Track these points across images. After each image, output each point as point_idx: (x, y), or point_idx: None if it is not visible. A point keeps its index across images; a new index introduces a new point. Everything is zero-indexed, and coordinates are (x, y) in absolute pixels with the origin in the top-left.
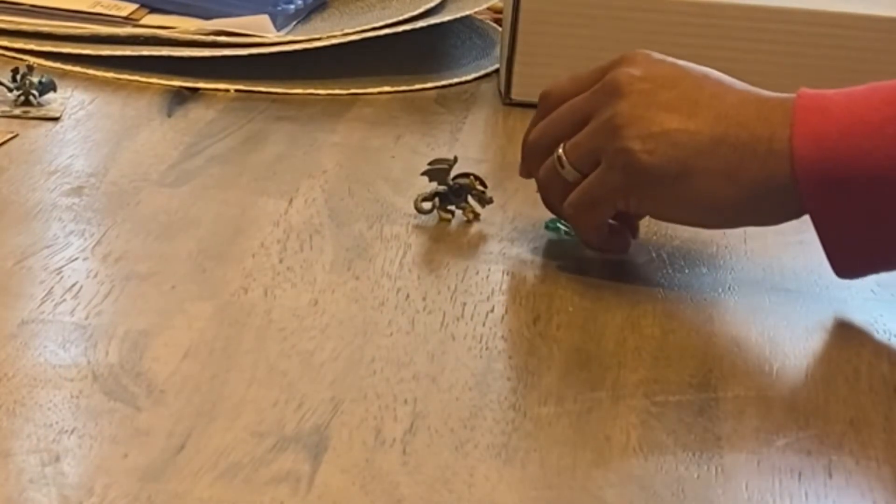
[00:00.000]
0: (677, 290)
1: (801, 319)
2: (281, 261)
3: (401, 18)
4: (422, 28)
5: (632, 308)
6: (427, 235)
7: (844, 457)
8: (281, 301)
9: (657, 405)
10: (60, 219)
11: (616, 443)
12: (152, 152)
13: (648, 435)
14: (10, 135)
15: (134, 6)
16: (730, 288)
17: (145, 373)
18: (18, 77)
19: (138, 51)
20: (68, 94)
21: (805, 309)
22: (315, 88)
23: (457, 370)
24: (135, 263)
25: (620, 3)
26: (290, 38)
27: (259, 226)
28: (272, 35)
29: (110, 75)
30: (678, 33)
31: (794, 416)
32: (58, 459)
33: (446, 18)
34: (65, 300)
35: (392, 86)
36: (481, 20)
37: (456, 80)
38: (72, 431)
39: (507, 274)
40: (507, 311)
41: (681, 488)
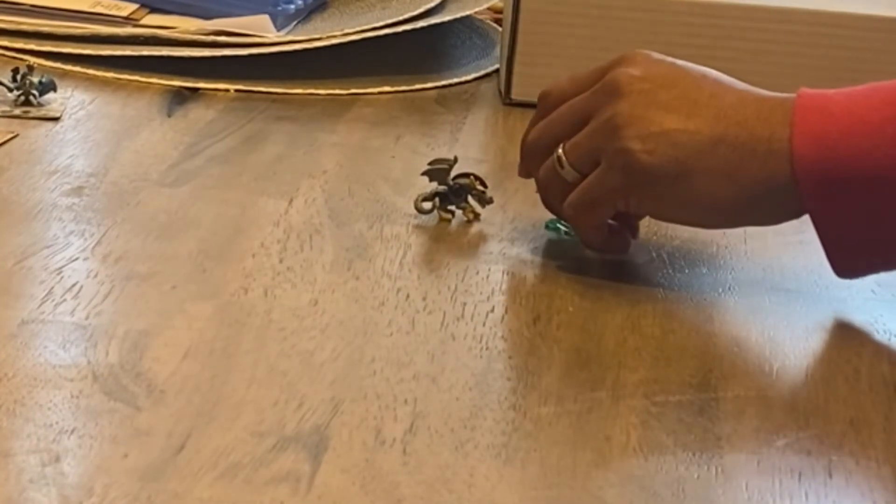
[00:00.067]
0: (677, 290)
1: (801, 319)
2: (281, 261)
3: (401, 18)
4: (422, 28)
5: (632, 308)
6: (427, 235)
7: (844, 457)
8: (281, 301)
9: (657, 405)
10: (60, 219)
11: (616, 443)
12: (152, 152)
13: (648, 435)
14: (10, 135)
15: (134, 6)
16: (730, 288)
17: (145, 373)
18: (18, 77)
19: (138, 51)
20: (68, 94)
21: (805, 309)
22: (315, 88)
23: (457, 370)
24: (135, 263)
25: (620, 3)
26: (290, 38)
27: (259, 226)
28: (272, 35)
29: (110, 75)
30: (678, 33)
31: (794, 416)
32: (58, 459)
33: (446, 18)
34: (65, 300)
35: (392, 86)
36: (481, 20)
37: (456, 80)
38: (72, 431)
39: (507, 274)
40: (507, 311)
41: (681, 488)
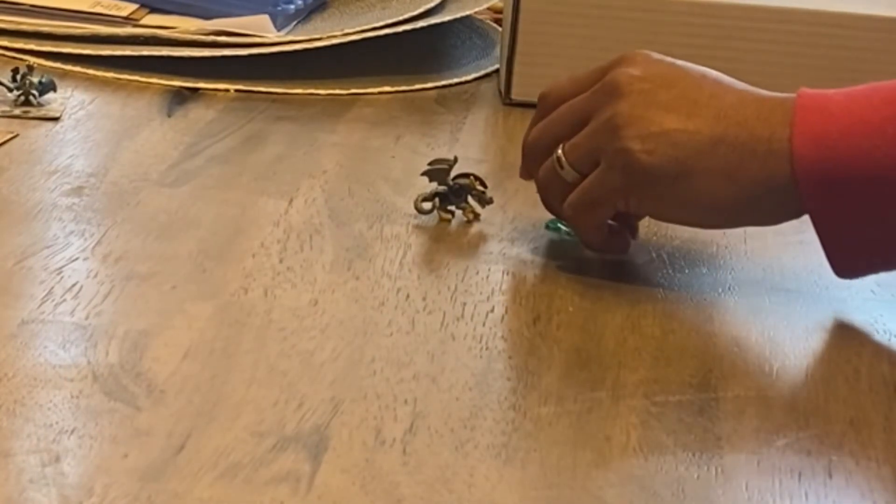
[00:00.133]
0: (677, 290)
1: (801, 319)
2: (281, 261)
3: (401, 18)
4: (422, 28)
5: (632, 308)
6: (427, 235)
7: (844, 457)
8: (281, 301)
9: (657, 405)
10: (60, 219)
11: (616, 443)
12: (152, 152)
13: (648, 435)
14: (10, 135)
15: (134, 6)
16: (730, 288)
17: (145, 373)
18: (18, 77)
19: (138, 51)
20: (68, 94)
21: (805, 309)
22: (315, 88)
23: (457, 370)
24: (135, 263)
25: (620, 3)
26: (290, 38)
27: (259, 226)
28: (272, 35)
29: (110, 75)
30: (678, 33)
31: (794, 416)
32: (58, 459)
33: (446, 18)
34: (65, 300)
35: (392, 86)
36: (481, 20)
37: (456, 80)
38: (72, 431)
39: (507, 274)
40: (507, 311)
41: (681, 488)
